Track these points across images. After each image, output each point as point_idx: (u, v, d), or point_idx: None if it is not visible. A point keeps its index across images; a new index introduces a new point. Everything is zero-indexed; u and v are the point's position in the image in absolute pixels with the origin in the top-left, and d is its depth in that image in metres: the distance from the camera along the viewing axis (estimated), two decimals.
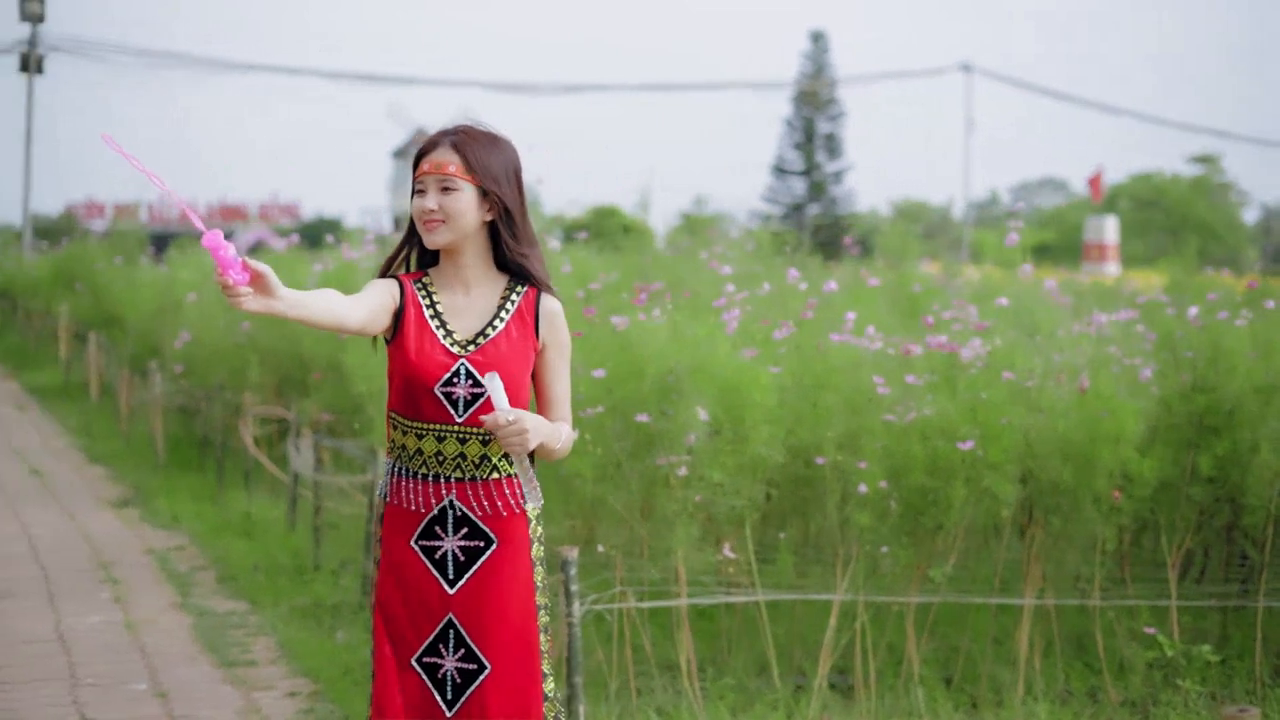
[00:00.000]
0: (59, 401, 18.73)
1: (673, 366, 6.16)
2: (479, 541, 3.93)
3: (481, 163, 3.98)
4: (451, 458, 3.93)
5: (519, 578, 3.98)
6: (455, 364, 3.92)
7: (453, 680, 3.95)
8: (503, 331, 3.99)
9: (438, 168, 3.93)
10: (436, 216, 3.93)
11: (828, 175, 57.02)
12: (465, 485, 3.93)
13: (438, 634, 3.94)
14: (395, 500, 3.98)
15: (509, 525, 3.96)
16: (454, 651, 3.94)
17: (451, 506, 3.94)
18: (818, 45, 56.08)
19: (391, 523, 3.99)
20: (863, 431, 6.34)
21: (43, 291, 23.16)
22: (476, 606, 3.93)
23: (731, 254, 11.94)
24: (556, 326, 4.05)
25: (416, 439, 3.94)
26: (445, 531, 3.94)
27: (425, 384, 3.90)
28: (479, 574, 3.93)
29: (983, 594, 6.77)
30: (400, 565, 3.97)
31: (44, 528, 10.52)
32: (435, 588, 3.94)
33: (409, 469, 3.97)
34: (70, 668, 7.08)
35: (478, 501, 3.93)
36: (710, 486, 6.16)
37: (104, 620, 7.98)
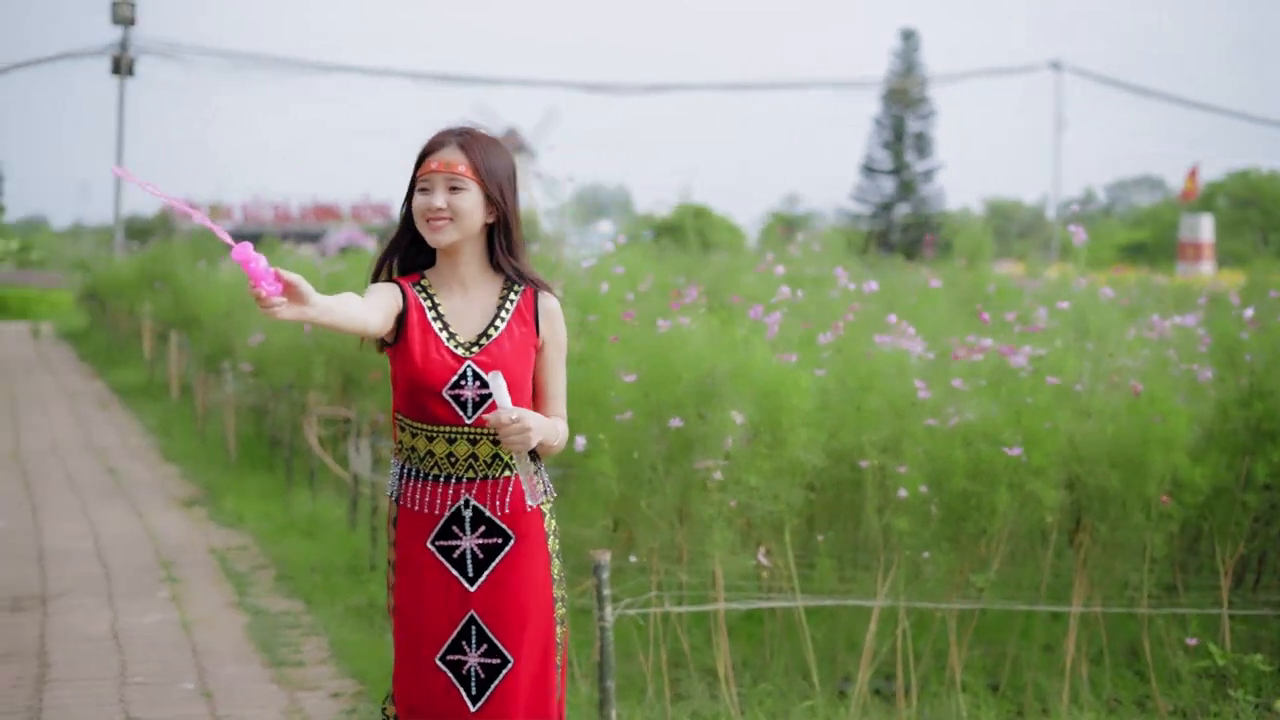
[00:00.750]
0: (141, 400, 18.98)
1: (710, 370, 6.13)
2: (497, 538, 3.99)
3: (488, 165, 4.03)
4: (464, 458, 3.98)
5: (537, 572, 4.04)
6: (461, 366, 3.97)
7: (477, 676, 3.99)
8: (505, 331, 4.04)
9: (448, 166, 3.98)
10: (445, 215, 3.97)
11: (917, 174, 56.58)
12: (479, 484, 3.98)
13: (460, 631, 3.98)
14: (407, 503, 4.02)
15: (526, 521, 4.02)
16: (477, 647, 3.98)
17: (467, 506, 3.98)
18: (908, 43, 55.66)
19: (405, 525, 4.03)
20: (904, 436, 6.27)
21: (129, 292, 23.48)
22: (498, 602, 3.98)
23: (802, 254, 11.92)
24: (555, 325, 4.11)
25: (427, 441, 3.98)
26: (463, 530, 3.99)
27: (433, 387, 3.94)
28: (499, 570, 3.99)
29: (1028, 601, 6.68)
30: (417, 567, 4.01)
31: (111, 526, 10.65)
32: (455, 586, 3.98)
33: (420, 471, 4.01)
34: (122, 666, 7.16)
35: (494, 500, 3.98)
36: (747, 491, 6.12)
37: (160, 619, 8.06)
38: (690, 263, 12.19)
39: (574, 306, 8.17)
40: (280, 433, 12.81)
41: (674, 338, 6.37)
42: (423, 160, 4.02)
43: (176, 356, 18.66)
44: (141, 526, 10.66)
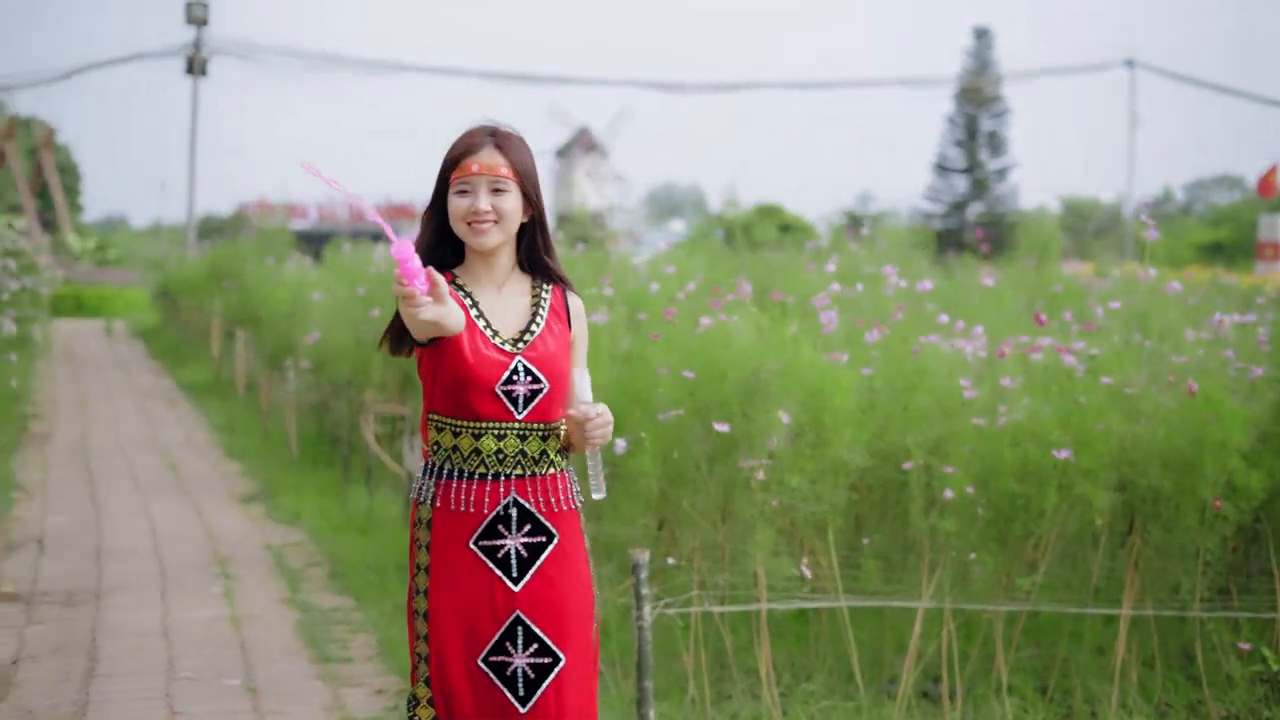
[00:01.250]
0: (208, 398, 19.12)
1: (754, 369, 6.08)
2: (541, 537, 3.98)
3: (524, 165, 4.05)
4: (512, 455, 3.97)
5: (580, 570, 4.05)
6: (512, 362, 3.97)
7: (525, 676, 3.97)
8: (545, 328, 4.06)
9: (490, 169, 3.97)
10: (490, 217, 3.97)
11: (990, 173, 56.11)
12: (526, 481, 3.98)
13: (504, 632, 3.96)
14: (447, 504, 3.98)
15: (566, 519, 4.03)
16: (525, 648, 3.96)
17: (514, 504, 3.96)
18: (981, 41, 55.20)
19: (443, 526, 3.99)
20: (951, 436, 6.19)
21: (198, 290, 23.68)
22: (545, 600, 3.97)
23: (867, 251, 11.84)
24: (583, 323, 4.16)
25: (473, 439, 3.96)
26: (509, 530, 3.97)
27: (486, 384, 3.93)
28: (543, 569, 3.98)
29: (1077, 603, 6.58)
30: (453, 567, 3.97)
31: (170, 522, 10.73)
32: (499, 587, 3.96)
33: (464, 470, 3.97)
34: (170, 661, 7.20)
35: (539, 497, 3.99)
36: (789, 491, 6.06)
37: (211, 614, 8.10)
38: (746, 261, 12.15)
39: (624, 304, 8.15)
40: (339, 430, 12.87)
41: (716, 336, 6.32)
42: (459, 161, 4.00)
43: (243, 354, 18.80)
44: (199, 523, 10.72)
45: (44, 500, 11.51)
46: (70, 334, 29.78)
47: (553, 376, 4.00)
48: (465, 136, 4.05)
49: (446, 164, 4.03)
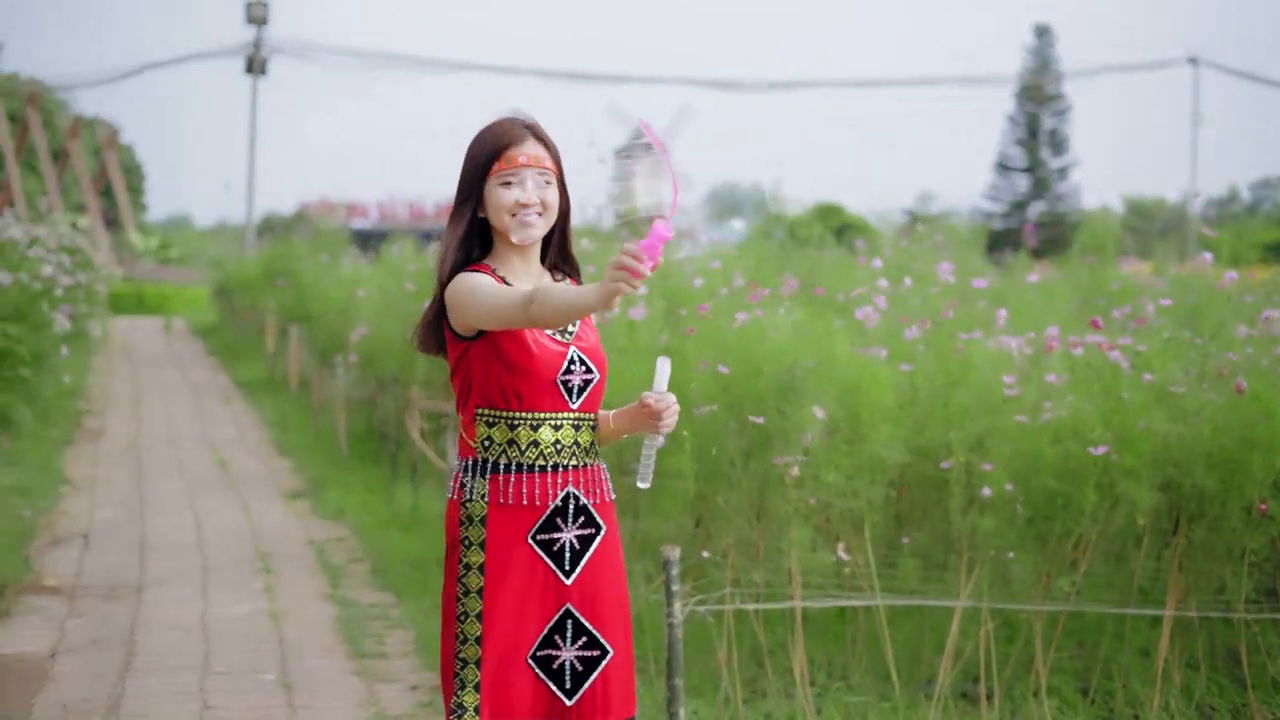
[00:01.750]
0: (262, 394, 19.20)
1: (790, 364, 6.00)
2: (591, 529, 3.95)
3: (559, 158, 4.00)
4: (568, 445, 3.93)
5: (620, 561, 4.04)
6: (569, 352, 3.93)
7: (573, 669, 3.92)
8: (582, 321, 4.02)
9: (537, 161, 3.92)
10: (538, 210, 3.92)
11: (1052, 172, 55.73)
12: (580, 472, 3.95)
13: (554, 625, 3.92)
14: (505, 498, 3.90)
15: (609, 511, 4.02)
16: (573, 641, 3.92)
17: (572, 496, 3.93)
18: (1042, 39, 54.86)
19: (501, 522, 3.90)
20: (992, 433, 6.09)
21: (254, 287, 23.79)
22: (594, 593, 3.94)
23: (921, 249, 11.71)
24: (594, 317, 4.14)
25: (531, 430, 3.90)
26: (565, 522, 3.93)
27: (548, 375, 3.89)
28: (592, 560, 3.95)
29: (1119, 604, 6.46)
30: (510, 564, 3.90)
31: (215, 518, 10.75)
32: (551, 580, 3.91)
33: (521, 463, 3.90)
34: (206, 656, 7.19)
35: (590, 488, 3.96)
36: (825, 487, 5.98)
37: (250, 610, 8.10)
38: (795, 258, 12.03)
39: (664, 299, 8.08)
40: (386, 426, 12.87)
41: (752, 331, 6.25)
42: (503, 152, 3.92)
43: (296, 351, 18.86)
44: (244, 519, 10.74)
45: (92, 495, 11.56)
46: (129, 331, 30.00)
47: (600, 366, 3.99)
48: (501, 127, 3.97)
49: (485, 154, 3.94)
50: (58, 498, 11.25)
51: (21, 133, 50.18)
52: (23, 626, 7.66)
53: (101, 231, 51.39)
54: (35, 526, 10.03)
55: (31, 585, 8.47)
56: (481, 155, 3.95)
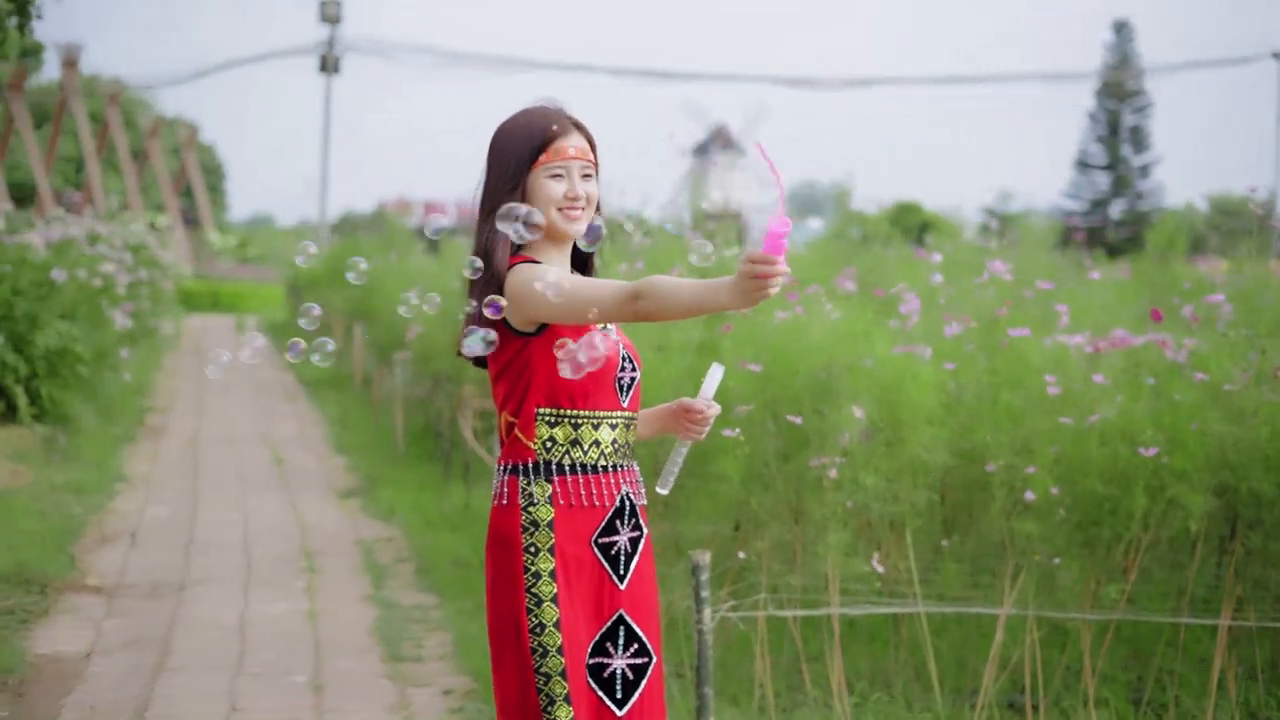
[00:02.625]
0: (326, 392, 19.20)
1: (826, 363, 5.82)
2: (638, 532, 3.83)
3: (596, 148, 3.86)
4: (622, 445, 3.81)
5: (653, 563, 3.91)
6: (619, 349, 3.80)
7: (624, 678, 3.76)
8: None
9: (583, 154, 3.80)
10: (583, 203, 3.78)
11: (1134, 169, 54.97)
12: (628, 473, 3.83)
13: (605, 632, 3.75)
14: (572, 501, 3.72)
15: (646, 512, 3.89)
16: (625, 648, 3.76)
17: (628, 497, 3.80)
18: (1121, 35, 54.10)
19: (565, 526, 3.71)
20: (1037, 434, 5.87)
21: (321, 285, 23.82)
22: (642, 598, 3.82)
23: (997, 248, 11.48)
24: None
25: (593, 429, 3.75)
26: (622, 524, 3.79)
27: (610, 372, 3.75)
28: (639, 564, 3.82)
29: (1172, 612, 6.22)
30: (575, 569, 3.72)
31: (264, 516, 10.68)
32: (607, 585, 3.76)
33: (585, 464, 3.73)
34: (239, 656, 7.10)
35: (637, 489, 3.84)
36: (864, 490, 5.78)
37: (289, 609, 8.00)
38: (858, 255, 11.84)
39: None
40: (440, 425, 12.78)
41: (792, 329, 6.07)
42: (550, 144, 3.75)
43: (359, 348, 18.83)
44: (294, 517, 10.67)
45: (146, 492, 11.54)
46: (202, 329, 30.17)
47: (639, 364, 3.87)
48: (545, 118, 3.80)
49: (530, 145, 3.76)
50: (111, 495, 11.23)
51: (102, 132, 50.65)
52: (61, 626, 7.60)
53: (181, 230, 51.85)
54: (84, 524, 10.00)
55: (74, 584, 8.42)
56: (527, 146, 3.77)
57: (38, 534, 9.29)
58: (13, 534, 9.14)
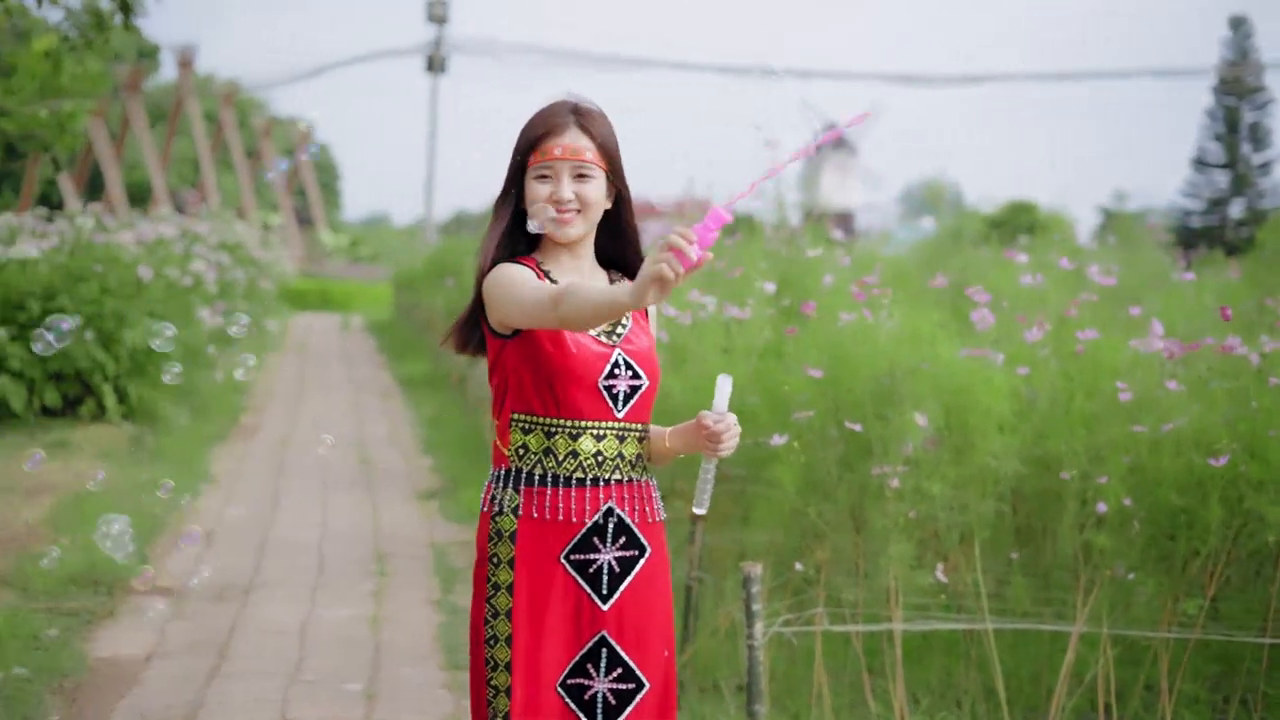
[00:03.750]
0: (422, 391, 19.15)
1: (889, 367, 5.58)
2: (633, 550, 3.62)
3: (608, 146, 3.65)
4: (611, 458, 3.60)
5: (665, 588, 3.69)
6: (613, 354, 3.60)
7: (605, 702, 3.59)
8: (634, 324, 3.70)
9: (574, 153, 3.60)
10: (573, 206, 3.59)
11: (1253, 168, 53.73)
12: (623, 488, 3.61)
13: (586, 653, 3.58)
14: (537, 513, 3.57)
15: (657, 532, 3.68)
16: (607, 672, 3.58)
17: (610, 514, 3.59)
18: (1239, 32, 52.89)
19: (530, 538, 3.57)
20: (1109, 443, 5.59)
21: (422, 284, 23.84)
22: (633, 621, 3.60)
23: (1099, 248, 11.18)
24: (656, 321, 3.85)
25: (570, 439, 3.57)
26: (604, 542, 3.60)
27: (589, 378, 3.56)
28: (633, 586, 3.61)
29: (1256, 630, 5.90)
30: (541, 585, 3.57)
31: (341, 517, 10.60)
32: (585, 604, 3.59)
33: (558, 475, 3.58)
34: (297, 662, 6.99)
35: (634, 505, 3.62)
36: (927, 500, 5.53)
37: (352, 614, 7.89)
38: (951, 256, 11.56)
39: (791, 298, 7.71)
40: None
41: (857, 332, 5.84)
42: (538, 142, 3.61)
43: None
44: (371, 519, 10.58)
45: (228, 492, 11.51)
46: (308, 328, 30.35)
47: (651, 373, 3.66)
48: (545, 114, 3.66)
49: (524, 144, 3.64)
50: (195, 494, 11.20)
51: (217, 132, 51.31)
52: (125, 628, 7.54)
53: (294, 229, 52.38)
54: (162, 524, 9.96)
55: (144, 585, 8.36)
56: (522, 144, 3.66)
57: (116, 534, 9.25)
58: (88, 534, 9.11)
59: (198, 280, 14.25)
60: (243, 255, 19.37)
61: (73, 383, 12.82)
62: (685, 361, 6.61)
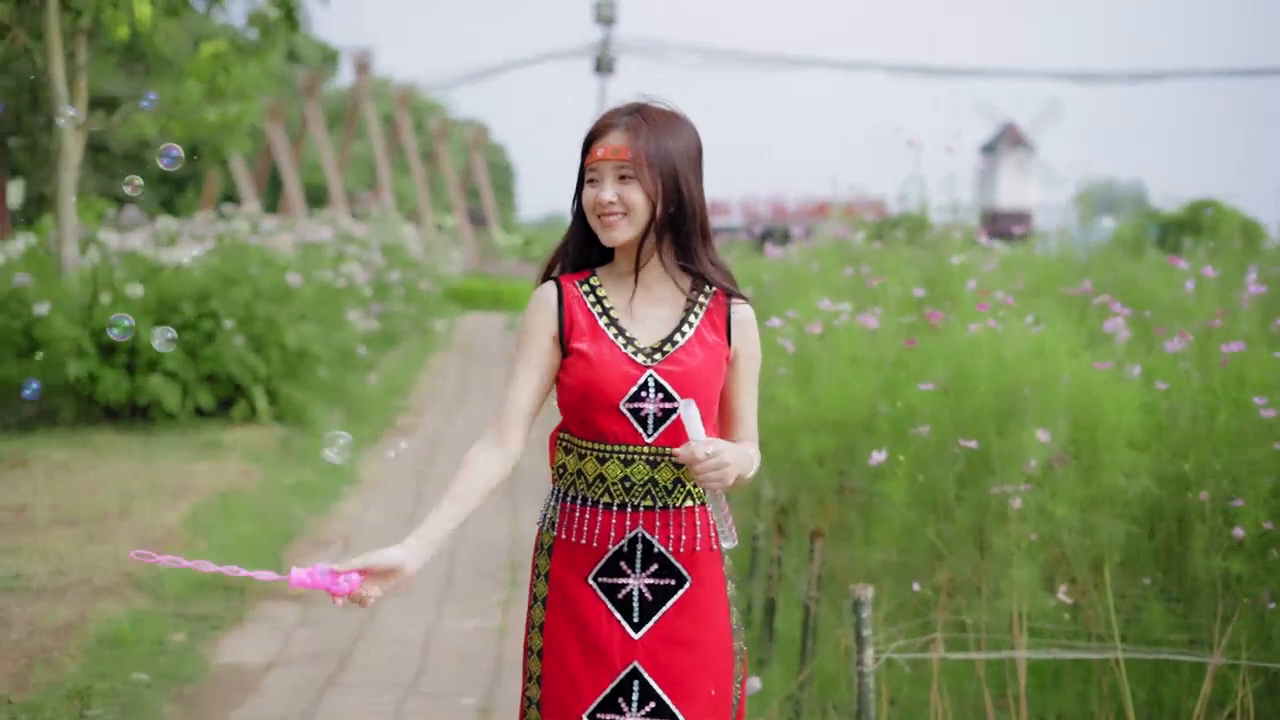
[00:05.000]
0: None
1: (1010, 380, 5.31)
2: (669, 579, 3.43)
3: (661, 147, 3.45)
4: (641, 484, 3.42)
5: (716, 621, 3.47)
6: (642, 376, 3.41)
7: None
8: (693, 338, 3.48)
9: (615, 153, 3.45)
10: (616, 209, 3.44)
11: None
12: (655, 514, 3.43)
13: (617, 685, 3.42)
14: (566, 534, 3.47)
15: (703, 562, 3.45)
16: (640, 706, 3.41)
17: (641, 540, 3.42)
18: None
19: (562, 556, 3.49)
20: (1247, 462, 5.25)
21: None
22: (669, 654, 3.42)
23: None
24: (749, 335, 3.55)
25: (598, 463, 3.44)
26: (632, 567, 3.44)
27: (609, 400, 3.40)
28: (669, 616, 3.42)
29: None
30: (573, 604, 3.46)
31: (481, 525, 10.49)
32: (616, 631, 3.42)
33: (588, 497, 3.45)
34: (416, 675, 6.91)
35: (670, 533, 3.42)
36: (1051, 521, 5.25)
37: (478, 625, 7.80)
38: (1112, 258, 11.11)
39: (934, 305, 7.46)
40: None
41: (981, 343, 5.57)
42: (588, 145, 3.50)
43: None
44: (510, 526, 10.49)
45: (372, 496, 11.51)
46: (475, 328, 30.50)
47: (691, 394, 3.41)
48: (602, 117, 3.54)
49: (582, 149, 3.53)
50: (337, 498, 11.23)
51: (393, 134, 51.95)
52: (251, 635, 7.53)
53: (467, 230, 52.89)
54: (301, 528, 9.99)
55: (275, 590, 8.36)
56: (581, 150, 3.54)
57: (251, 538, 9.28)
58: (227, 536, 9.14)
59: (351, 282, 14.30)
60: (401, 257, 19.45)
61: (225, 385, 12.95)
62: (813, 373, 6.38)
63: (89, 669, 6.53)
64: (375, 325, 15.11)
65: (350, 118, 49.63)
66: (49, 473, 10.81)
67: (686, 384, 3.41)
